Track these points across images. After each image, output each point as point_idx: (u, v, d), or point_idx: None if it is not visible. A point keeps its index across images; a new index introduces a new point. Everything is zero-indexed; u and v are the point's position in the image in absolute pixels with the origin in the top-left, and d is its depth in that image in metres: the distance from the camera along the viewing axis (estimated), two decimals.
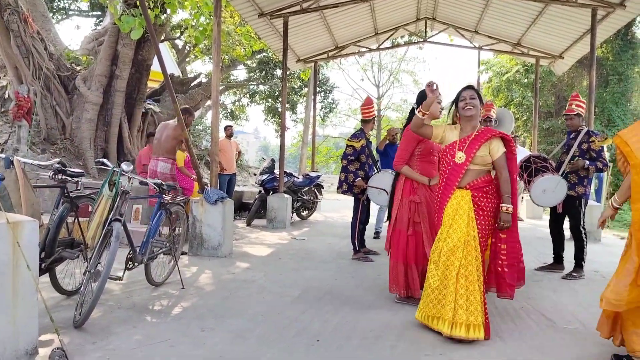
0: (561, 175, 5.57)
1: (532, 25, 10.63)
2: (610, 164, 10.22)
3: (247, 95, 23.90)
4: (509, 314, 4.26)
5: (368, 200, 6.43)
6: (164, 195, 4.60)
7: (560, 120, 18.01)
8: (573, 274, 5.69)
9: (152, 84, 14.24)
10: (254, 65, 21.63)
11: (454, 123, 3.88)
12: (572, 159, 5.66)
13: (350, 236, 6.52)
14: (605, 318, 3.29)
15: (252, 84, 23.05)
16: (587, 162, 5.52)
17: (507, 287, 3.74)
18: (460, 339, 3.42)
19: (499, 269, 3.75)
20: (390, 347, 3.36)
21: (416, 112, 3.78)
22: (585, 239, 5.72)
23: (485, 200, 3.62)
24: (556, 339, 3.69)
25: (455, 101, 3.80)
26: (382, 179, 5.94)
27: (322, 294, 4.72)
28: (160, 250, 4.62)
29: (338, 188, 6.53)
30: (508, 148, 3.69)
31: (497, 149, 3.63)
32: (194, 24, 11.38)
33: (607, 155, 9.48)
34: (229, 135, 9.81)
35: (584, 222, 5.75)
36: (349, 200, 6.64)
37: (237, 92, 24.37)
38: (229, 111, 24.33)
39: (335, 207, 13.84)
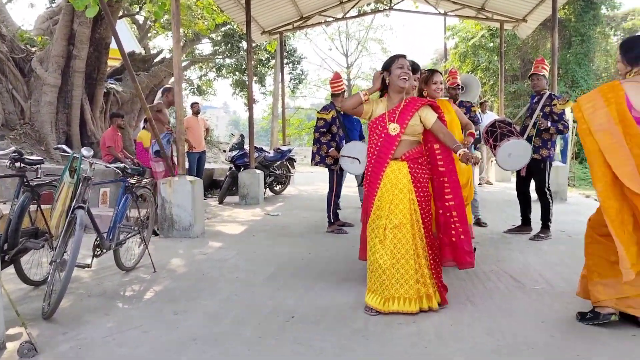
0: (526, 139, 5.65)
1: None
2: (574, 125, 10.42)
3: (214, 70, 23.43)
4: (479, 277, 4.35)
5: (342, 172, 6.45)
6: (128, 179, 4.50)
7: (526, 82, 18.20)
8: (540, 234, 5.83)
9: (113, 63, 13.83)
10: (219, 38, 21.14)
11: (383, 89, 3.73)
12: (535, 123, 5.75)
13: (326, 208, 6.54)
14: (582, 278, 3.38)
15: (218, 58, 22.58)
16: (549, 123, 5.61)
17: (465, 255, 3.62)
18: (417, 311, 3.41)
19: (454, 239, 3.63)
20: (365, 318, 3.40)
21: (360, 92, 3.62)
22: (550, 200, 5.84)
23: (420, 171, 3.55)
24: (524, 299, 3.79)
25: (388, 66, 3.61)
26: (354, 148, 5.98)
27: (296, 269, 4.73)
28: (129, 235, 4.55)
29: (312, 160, 6.57)
30: (438, 114, 3.63)
31: (429, 116, 3.57)
32: None
33: (570, 116, 9.66)
34: (196, 112, 9.62)
35: (549, 183, 5.87)
36: (323, 172, 6.65)
37: (203, 66, 23.86)
38: (196, 86, 23.86)
39: (310, 180, 13.84)
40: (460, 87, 6.21)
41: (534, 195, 6.03)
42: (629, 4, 25.01)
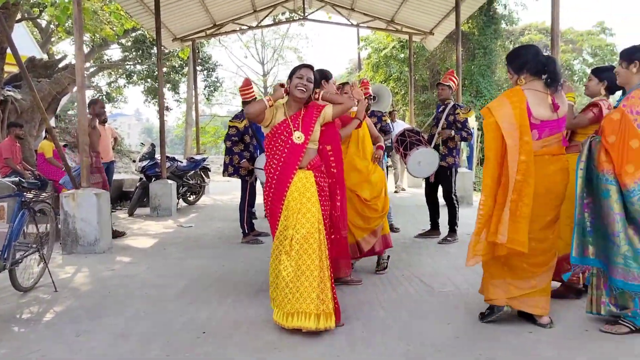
0: (433, 147, 5.90)
1: (403, 3, 11.05)
2: (479, 132, 11.05)
3: (124, 76, 22.52)
4: (392, 283, 4.47)
5: (257, 180, 6.40)
6: (25, 194, 4.20)
7: (434, 92, 19.05)
8: (448, 238, 6.10)
9: (11, 68, 12.89)
10: (129, 44, 20.39)
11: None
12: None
13: (239, 219, 6.45)
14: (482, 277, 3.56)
15: (128, 64, 21.74)
16: (453, 131, 5.91)
17: (347, 251, 3.79)
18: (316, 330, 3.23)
19: (338, 236, 3.70)
20: (279, 330, 3.37)
21: (264, 98, 3.53)
22: (457, 205, 6.14)
23: (323, 180, 3.56)
24: (433, 302, 3.94)
25: (290, 75, 3.57)
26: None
27: (209, 282, 4.62)
28: (26, 254, 4.24)
29: (224, 171, 6.44)
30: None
31: (328, 110, 3.61)
32: (55, 1, 10.39)
33: (475, 124, 10.21)
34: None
35: (455, 189, 6.17)
36: (239, 181, 6.54)
37: (113, 72, 22.87)
38: (105, 93, 22.80)
39: (225, 190, 13.62)
40: (372, 97, 6.36)
41: (442, 200, 6.31)
42: (526, 20, 26.96)
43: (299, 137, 3.48)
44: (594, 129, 3.58)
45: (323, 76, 4.33)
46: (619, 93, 3.71)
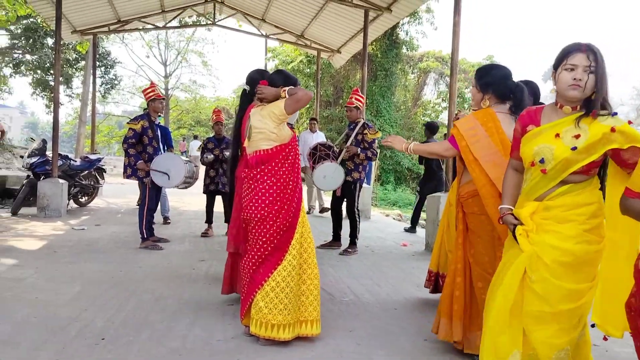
0: (340, 162, 6.12)
1: (314, 20, 11.34)
2: (378, 150, 11.57)
3: (11, 65, 20.79)
4: None
5: (158, 186, 6.23)
6: None
7: (337, 109, 19.68)
8: (348, 249, 6.33)
9: None
10: (19, 31, 18.89)
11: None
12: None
13: (139, 223, 6.23)
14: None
15: (16, 53, 20.12)
16: (359, 149, 6.16)
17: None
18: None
19: None
20: (182, 337, 3.32)
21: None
22: (358, 219, 6.40)
23: None
24: (334, 310, 4.07)
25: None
26: (165, 161, 5.93)
27: (106, 288, 4.41)
28: None
29: (124, 173, 6.27)
30: None
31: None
32: None
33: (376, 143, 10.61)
34: None
35: (358, 203, 6.43)
36: (135, 184, 6.33)
37: None
38: None
39: (121, 192, 13.00)
40: None
41: (344, 213, 6.54)
42: (425, 47, 28.68)
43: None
44: None
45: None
46: None
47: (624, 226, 2.28)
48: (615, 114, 2.29)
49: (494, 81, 3.11)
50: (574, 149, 2.26)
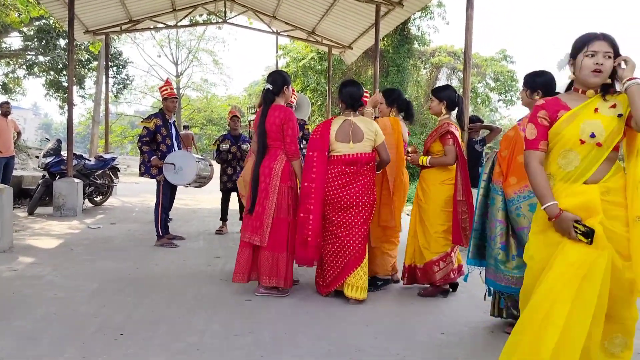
0: None
1: (325, 16, 11.31)
2: None
3: (24, 67, 20.97)
4: (312, 287, 4.56)
5: (171, 184, 6.28)
6: None
7: None
8: None
9: None
10: (32, 33, 19.04)
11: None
12: None
13: (154, 221, 6.27)
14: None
15: (30, 54, 20.29)
16: None
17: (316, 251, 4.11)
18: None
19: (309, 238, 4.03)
20: (200, 332, 3.34)
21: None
22: None
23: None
24: (350, 304, 4.07)
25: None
26: (177, 157, 6.07)
27: (123, 285, 4.44)
28: None
29: (139, 170, 6.33)
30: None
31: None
32: None
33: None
34: (5, 114, 8.57)
35: None
36: (149, 183, 6.39)
37: (11, 62, 21.21)
38: (1, 84, 21.11)
39: (135, 191, 13.09)
40: (293, 105, 6.49)
41: None
42: (437, 42, 28.49)
43: None
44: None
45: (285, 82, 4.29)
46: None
47: None
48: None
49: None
50: (620, 115, 2.34)
